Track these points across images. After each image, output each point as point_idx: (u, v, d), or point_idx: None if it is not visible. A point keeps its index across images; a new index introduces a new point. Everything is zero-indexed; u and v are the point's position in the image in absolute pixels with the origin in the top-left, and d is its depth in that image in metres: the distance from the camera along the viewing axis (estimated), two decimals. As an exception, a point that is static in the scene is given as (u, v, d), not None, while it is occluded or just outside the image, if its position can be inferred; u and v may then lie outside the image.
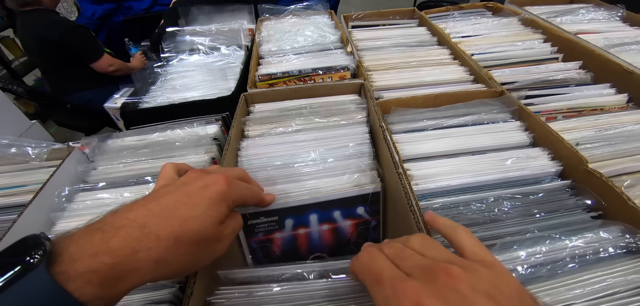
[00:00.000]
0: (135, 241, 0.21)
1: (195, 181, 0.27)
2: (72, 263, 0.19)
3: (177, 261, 0.24)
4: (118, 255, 0.20)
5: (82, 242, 0.20)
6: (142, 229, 0.22)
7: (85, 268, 0.19)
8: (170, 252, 0.23)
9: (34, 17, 1.33)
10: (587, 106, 0.56)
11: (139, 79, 0.72)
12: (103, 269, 0.20)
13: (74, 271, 0.19)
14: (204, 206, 0.25)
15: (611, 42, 0.69)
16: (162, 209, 0.24)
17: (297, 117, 0.53)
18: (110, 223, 0.22)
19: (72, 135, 1.92)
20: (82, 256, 0.19)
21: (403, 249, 0.23)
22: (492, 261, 0.22)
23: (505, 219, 0.39)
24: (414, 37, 0.81)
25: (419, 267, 0.21)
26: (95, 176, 0.50)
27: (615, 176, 0.44)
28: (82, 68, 1.48)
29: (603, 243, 0.35)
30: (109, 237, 0.21)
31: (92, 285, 0.19)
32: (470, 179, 0.43)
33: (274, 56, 0.74)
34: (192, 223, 0.24)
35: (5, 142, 0.51)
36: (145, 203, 0.24)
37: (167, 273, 0.24)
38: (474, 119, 0.53)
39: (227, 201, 0.27)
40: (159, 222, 0.23)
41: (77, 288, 0.18)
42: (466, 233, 0.24)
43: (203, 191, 0.26)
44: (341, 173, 0.44)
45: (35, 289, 0.17)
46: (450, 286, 0.19)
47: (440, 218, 0.28)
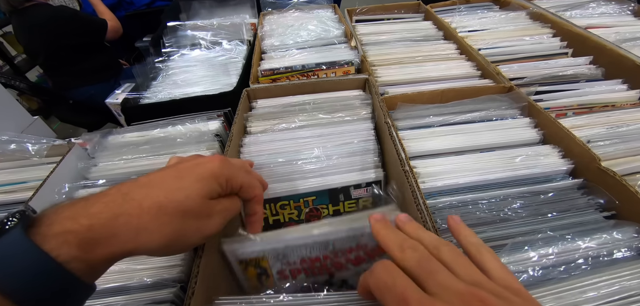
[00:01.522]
0: (116, 206, 0.21)
1: (190, 161, 0.27)
2: (50, 225, 0.19)
3: (160, 232, 0.23)
4: (97, 218, 0.20)
5: (63, 208, 0.20)
6: (125, 196, 0.22)
7: (62, 229, 0.19)
8: (153, 221, 0.22)
9: (32, 12, 1.32)
10: (598, 103, 0.55)
11: (140, 74, 0.71)
12: (80, 230, 0.20)
13: (51, 232, 0.19)
14: (192, 179, 0.25)
15: (622, 37, 0.67)
16: (149, 181, 0.24)
17: (301, 113, 0.52)
18: (97, 194, 0.22)
19: (75, 131, 1.92)
20: (61, 219, 0.20)
21: (431, 259, 0.21)
22: (519, 289, 0.21)
23: (514, 219, 0.38)
24: (419, 31, 0.80)
25: (450, 290, 0.19)
26: (95, 173, 0.49)
27: (629, 174, 0.43)
28: (86, 61, 1.48)
29: (617, 244, 0.33)
30: (91, 204, 0.21)
31: (68, 245, 0.19)
32: (478, 178, 0.42)
33: (276, 50, 0.73)
34: (177, 194, 0.24)
35: (5, 139, 0.50)
36: (135, 179, 0.24)
37: (150, 243, 0.23)
38: (481, 115, 0.51)
39: (218, 179, 0.26)
40: (144, 191, 0.23)
41: (54, 248, 0.18)
42: (491, 255, 0.23)
43: (194, 167, 0.26)
44: (346, 170, 0.43)
45: (12, 250, 0.18)
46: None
47: (465, 230, 0.26)
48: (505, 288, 0.20)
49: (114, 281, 0.34)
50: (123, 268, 0.36)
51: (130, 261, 0.36)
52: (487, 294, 0.18)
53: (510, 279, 0.21)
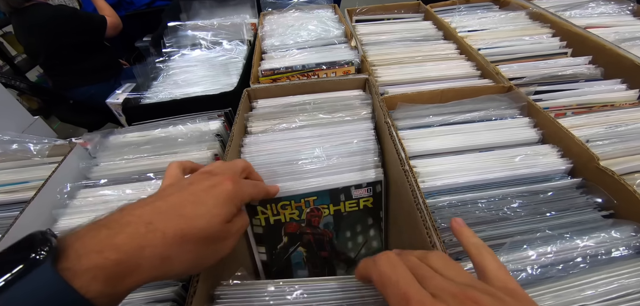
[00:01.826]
0: (141, 237, 0.21)
1: (202, 181, 0.27)
2: (78, 259, 0.19)
3: (182, 259, 0.23)
4: (123, 251, 0.20)
5: (88, 238, 0.20)
6: (148, 226, 0.22)
7: (91, 264, 0.19)
8: (176, 249, 0.23)
9: (32, 12, 1.33)
10: (597, 102, 0.55)
11: (140, 74, 0.72)
12: (109, 265, 0.19)
13: (80, 267, 0.18)
14: (210, 205, 0.25)
15: (622, 37, 0.67)
16: (169, 208, 0.24)
17: (301, 113, 0.53)
18: (117, 220, 0.22)
19: (75, 131, 1.92)
20: (88, 252, 0.19)
21: (422, 266, 0.22)
22: (515, 289, 0.21)
23: (513, 218, 0.38)
24: (419, 31, 0.80)
25: (446, 291, 0.20)
26: (97, 173, 0.50)
27: (627, 173, 0.43)
28: (87, 61, 1.48)
29: (615, 243, 0.34)
30: (114, 233, 0.21)
31: (97, 281, 0.19)
32: (477, 177, 0.43)
33: (277, 50, 0.73)
34: (198, 221, 0.24)
35: (7, 139, 0.50)
36: (152, 202, 0.24)
37: (173, 270, 0.23)
38: (481, 115, 0.51)
39: (234, 200, 0.27)
40: (166, 219, 0.23)
41: (83, 285, 0.18)
42: (491, 255, 0.24)
43: (210, 190, 0.26)
44: (346, 170, 0.43)
45: (42, 285, 0.17)
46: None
47: (467, 231, 0.27)
48: (501, 288, 0.21)
49: (116, 280, 0.35)
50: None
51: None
52: (480, 294, 0.19)
53: (507, 279, 0.22)
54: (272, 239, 0.44)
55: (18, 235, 0.38)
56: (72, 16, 1.38)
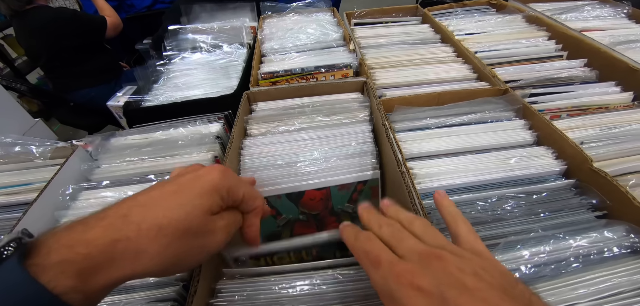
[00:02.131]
0: (115, 231, 0.21)
1: (190, 173, 0.26)
2: (48, 255, 0.18)
3: (160, 254, 0.22)
4: (94, 245, 0.20)
5: (62, 234, 0.20)
6: (124, 218, 0.21)
7: (60, 258, 0.18)
8: (153, 243, 0.21)
9: (33, 15, 1.34)
10: (591, 105, 0.56)
11: (141, 77, 0.72)
12: (78, 259, 0.19)
13: (49, 262, 0.18)
14: (193, 195, 0.24)
15: (617, 40, 0.68)
16: (149, 200, 0.23)
17: (300, 116, 0.53)
18: (95, 216, 0.22)
19: (75, 133, 1.92)
20: (59, 247, 0.19)
21: (402, 230, 0.25)
22: (481, 250, 0.24)
23: (509, 218, 0.39)
24: (416, 34, 0.81)
25: (414, 251, 0.22)
26: (98, 175, 0.50)
27: (620, 175, 0.44)
28: (87, 63, 1.49)
29: (607, 243, 0.34)
30: (89, 228, 0.20)
31: (66, 276, 0.18)
32: (473, 178, 0.43)
33: (276, 53, 0.74)
34: (177, 212, 0.23)
35: (9, 141, 0.51)
36: (134, 196, 0.23)
37: (151, 266, 0.22)
38: (477, 117, 0.52)
39: (220, 191, 0.25)
40: (143, 211, 0.22)
41: (51, 279, 0.18)
42: (464, 223, 0.26)
43: (195, 181, 0.25)
44: (344, 171, 0.44)
45: (8, 282, 0.17)
46: (440, 268, 0.21)
47: (447, 201, 0.29)
48: (468, 249, 0.24)
49: (118, 280, 0.35)
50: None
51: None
52: (444, 252, 0.22)
53: (475, 242, 0.25)
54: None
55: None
56: (72, 18, 1.39)
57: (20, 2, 1.30)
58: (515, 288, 0.20)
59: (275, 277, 0.33)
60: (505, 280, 0.21)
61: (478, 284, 0.20)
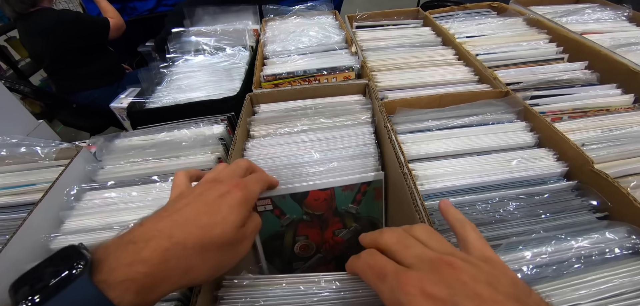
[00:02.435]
0: (165, 251, 0.23)
1: (211, 191, 0.28)
2: (111, 272, 0.20)
3: (204, 267, 0.25)
4: (150, 264, 0.22)
5: (118, 253, 0.22)
6: (170, 239, 0.23)
7: (124, 277, 0.20)
8: (198, 259, 0.24)
9: (37, 17, 1.35)
10: (592, 107, 0.56)
11: (145, 79, 0.73)
12: (139, 277, 0.21)
13: (113, 279, 0.20)
14: (224, 214, 0.26)
15: (617, 43, 0.68)
16: (185, 220, 0.25)
17: (302, 118, 0.54)
18: (140, 235, 0.23)
19: (78, 135, 1.93)
20: (120, 266, 0.21)
21: (406, 236, 0.24)
22: (491, 257, 0.24)
23: (510, 220, 0.39)
24: (418, 37, 0.82)
25: (422, 259, 0.22)
26: (103, 175, 0.51)
27: (622, 176, 0.44)
28: (91, 64, 1.50)
29: (609, 244, 0.35)
30: (140, 248, 0.22)
31: (129, 293, 0.20)
32: (475, 180, 0.44)
33: (278, 56, 0.74)
34: (215, 230, 0.25)
35: (15, 142, 0.52)
36: (168, 215, 0.25)
37: (197, 278, 0.25)
38: (478, 119, 0.53)
39: (245, 205, 0.28)
40: (185, 232, 0.24)
41: (117, 296, 0.19)
42: (473, 229, 0.26)
43: (221, 199, 0.27)
44: (347, 173, 0.44)
45: (80, 296, 0.19)
46: (452, 276, 0.20)
47: (453, 210, 0.29)
48: (478, 256, 0.23)
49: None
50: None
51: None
52: (455, 259, 0.21)
53: (484, 248, 0.24)
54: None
55: (27, 236, 0.40)
56: (75, 20, 1.40)
57: (24, 5, 1.31)
58: (529, 298, 0.20)
59: (277, 285, 0.33)
60: (519, 290, 0.20)
61: (494, 295, 0.19)
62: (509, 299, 0.19)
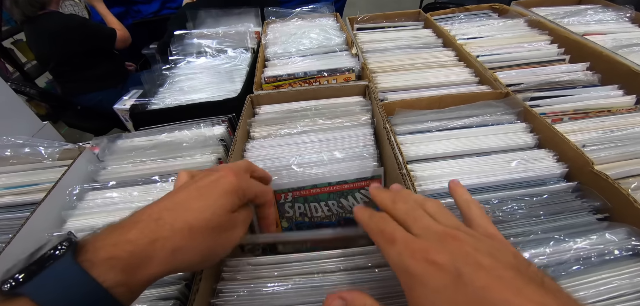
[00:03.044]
0: (151, 232, 0.23)
1: (206, 178, 0.28)
2: (96, 252, 0.21)
3: (193, 249, 0.25)
4: (136, 244, 0.22)
5: (104, 236, 0.22)
6: (157, 221, 0.24)
7: (108, 255, 0.21)
8: (186, 241, 0.24)
9: (45, 20, 1.37)
10: (594, 108, 0.56)
11: (147, 81, 0.74)
12: (124, 256, 0.21)
13: (98, 258, 0.20)
14: (214, 197, 0.27)
15: (619, 43, 0.68)
16: (175, 204, 0.26)
17: (303, 119, 0.54)
18: (128, 220, 0.24)
19: (82, 136, 1.95)
20: (105, 246, 0.21)
21: (417, 208, 0.25)
22: (493, 233, 0.25)
23: (509, 221, 0.39)
24: (419, 39, 0.82)
25: (430, 230, 0.23)
26: (105, 176, 0.51)
27: (623, 178, 0.44)
28: (96, 67, 1.52)
29: (608, 245, 0.34)
30: (127, 230, 0.23)
31: (114, 271, 0.20)
32: (474, 181, 0.43)
33: (279, 58, 0.75)
34: (204, 213, 0.25)
35: (19, 142, 0.52)
36: (159, 202, 0.26)
37: (186, 261, 0.25)
38: (478, 120, 0.53)
39: (237, 192, 0.28)
40: (173, 214, 0.25)
41: (101, 273, 0.20)
42: (477, 208, 0.27)
43: (214, 184, 0.28)
44: (346, 173, 0.44)
45: (63, 275, 0.19)
46: (455, 246, 0.21)
47: (461, 189, 0.30)
48: (482, 232, 0.25)
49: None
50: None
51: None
52: (461, 233, 0.22)
53: (488, 226, 0.25)
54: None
55: (29, 235, 0.40)
56: (82, 26, 1.42)
57: (33, 8, 1.33)
58: (528, 268, 0.20)
59: (274, 279, 0.33)
60: (518, 261, 0.21)
61: (493, 263, 0.20)
62: (507, 268, 0.20)
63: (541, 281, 0.19)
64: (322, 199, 0.47)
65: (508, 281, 0.19)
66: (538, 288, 0.18)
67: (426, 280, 0.20)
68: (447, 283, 0.19)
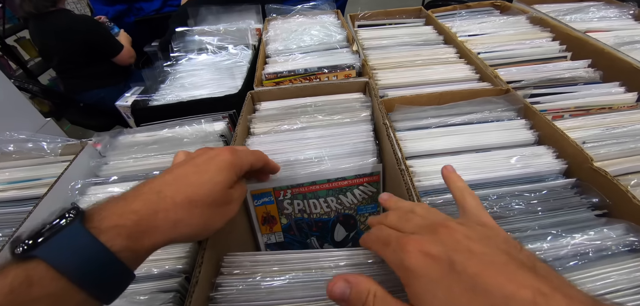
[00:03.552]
0: (154, 203, 0.24)
1: (203, 155, 0.30)
2: (102, 220, 0.22)
3: (193, 221, 0.26)
4: (140, 214, 0.23)
5: (109, 206, 0.23)
6: (158, 194, 0.25)
7: (114, 223, 0.22)
8: (186, 213, 0.26)
9: (54, 17, 1.38)
10: (595, 105, 0.55)
11: (149, 78, 0.74)
12: (129, 224, 0.23)
13: (105, 225, 0.22)
14: (212, 173, 0.28)
15: (621, 40, 0.67)
16: (175, 178, 0.27)
17: (302, 115, 0.54)
18: (131, 193, 0.25)
19: (85, 133, 1.96)
20: (111, 215, 0.23)
21: (407, 213, 0.27)
22: (486, 221, 0.26)
23: (508, 216, 0.39)
24: (420, 36, 0.82)
25: (422, 226, 0.24)
26: (106, 171, 0.52)
27: (622, 174, 0.44)
28: (98, 65, 1.53)
29: (606, 241, 0.34)
30: (131, 202, 0.24)
31: (120, 237, 0.22)
32: (474, 177, 0.44)
33: (280, 55, 0.75)
34: (203, 188, 0.27)
35: (22, 138, 0.53)
36: (160, 177, 0.28)
37: (186, 232, 0.26)
38: (478, 117, 0.53)
39: (234, 168, 0.30)
40: (173, 188, 0.26)
41: (108, 240, 0.21)
42: (471, 196, 0.28)
43: (210, 161, 0.29)
44: (346, 169, 0.45)
45: (74, 240, 0.20)
46: (447, 236, 0.22)
47: (455, 176, 0.31)
48: (475, 221, 0.25)
49: (124, 271, 0.36)
50: (132, 259, 0.38)
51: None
52: (452, 223, 0.23)
53: (481, 214, 0.26)
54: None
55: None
56: (91, 30, 1.44)
57: (45, 3, 1.35)
58: (520, 253, 0.21)
59: (273, 273, 0.34)
60: (510, 246, 0.22)
61: (484, 249, 0.20)
62: (499, 253, 0.20)
63: (533, 265, 0.20)
64: (321, 195, 0.47)
65: (500, 266, 0.19)
66: (530, 272, 0.19)
67: (422, 273, 0.21)
68: (442, 273, 0.20)
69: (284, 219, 0.50)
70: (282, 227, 0.51)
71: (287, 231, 0.51)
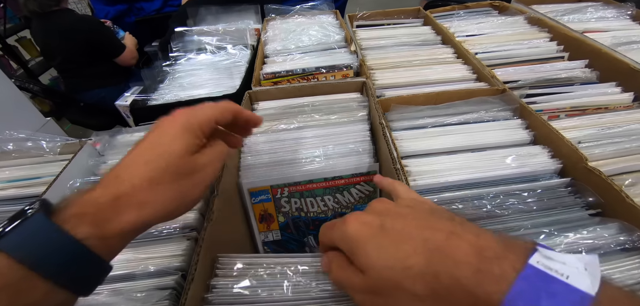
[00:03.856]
0: (114, 188, 0.24)
1: (155, 129, 0.28)
2: (65, 210, 0.22)
3: (159, 200, 0.25)
4: (101, 202, 0.23)
5: (72, 197, 0.23)
6: (116, 179, 0.24)
7: (76, 212, 0.22)
8: (149, 194, 0.24)
9: (57, 16, 1.39)
10: (591, 105, 0.56)
11: (148, 77, 0.75)
12: (91, 211, 0.22)
13: (67, 214, 0.22)
14: (166, 144, 0.26)
15: (619, 41, 0.68)
16: (131, 160, 0.26)
17: (300, 115, 0.54)
18: (93, 183, 0.25)
19: (85, 133, 1.97)
20: (72, 204, 0.22)
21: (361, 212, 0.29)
22: (416, 196, 0.30)
23: (501, 216, 0.39)
24: (417, 36, 0.82)
25: (359, 212, 0.27)
26: (105, 169, 0.52)
27: (617, 174, 0.44)
28: (100, 65, 1.54)
29: (599, 240, 0.35)
30: (92, 191, 0.24)
31: (84, 224, 0.22)
32: (469, 176, 0.44)
33: (278, 54, 0.75)
34: (159, 162, 0.25)
35: (22, 136, 0.53)
36: (119, 162, 0.26)
37: (157, 213, 0.25)
38: (474, 117, 0.53)
39: (190, 130, 0.27)
40: (130, 171, 0.25)
41: (72, 227, 0.21)
42: (401, 185, 0.32)
43: (162, 132, 0.27)
44: (342, 168, 0.45)
45: (36, 231, 0.20)
46: (381, 208, 0.26)
47: (385, 179, 0.35)
48: (407, 199, 0.29)
49: (121, 268, 0.37)
50: (129, 257, 0.38)
51: (136, 251, 0.39)
52: (386, 202, 0.27)
53: (412, 194, 0.30)
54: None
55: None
56: (94, 30, 1.45)
57: (50, 2, 1.35)
58: (444, 212, 0.25)
59: (268, 276, 0.34)
60: (434, 207, 0.26)
61: (410, 212, 0.25)
62: (423, 212, 0.25)
63: (451, 217, 0.24)
64: (318, 194, 0.48)
65: (422, 220, 0.24)
66: (448, 221, 0.23)
67: (358, 236, 0.24)
68: (374, 233, 0.24)
69: (281, 217, 0.50)
70: (280, 225, 0.51)
71: (284, 229, 0.52)
